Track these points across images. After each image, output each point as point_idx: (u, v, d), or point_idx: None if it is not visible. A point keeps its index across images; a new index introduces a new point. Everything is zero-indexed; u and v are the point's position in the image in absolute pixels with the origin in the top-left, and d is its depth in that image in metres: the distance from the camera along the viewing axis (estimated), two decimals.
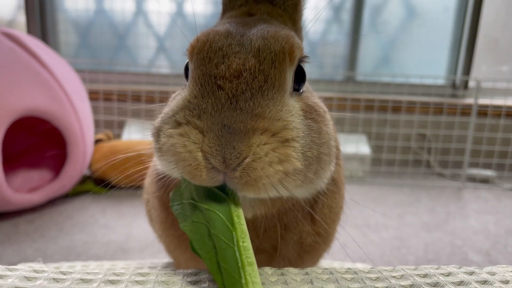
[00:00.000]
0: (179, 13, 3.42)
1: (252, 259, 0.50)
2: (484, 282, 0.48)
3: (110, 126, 3.02)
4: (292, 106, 0.60)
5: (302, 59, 0.64)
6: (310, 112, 0.62)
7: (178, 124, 0.56)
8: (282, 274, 0.52)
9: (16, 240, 1.91)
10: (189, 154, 0.53)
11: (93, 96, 2.89)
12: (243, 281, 0.48)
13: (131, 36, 3.46)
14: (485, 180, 3.07)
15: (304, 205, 0.73)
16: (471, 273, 0.51)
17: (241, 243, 0.50)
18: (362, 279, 0.47)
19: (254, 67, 0.57)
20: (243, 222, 0.53)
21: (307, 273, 0.50)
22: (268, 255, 0.77)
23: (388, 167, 3.14)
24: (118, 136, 2.98)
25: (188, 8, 3.40)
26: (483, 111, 3.09)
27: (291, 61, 0.61)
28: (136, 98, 3.01)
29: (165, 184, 0.73)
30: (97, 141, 2.65)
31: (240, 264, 0.49)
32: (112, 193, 2.54)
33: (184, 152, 0.54)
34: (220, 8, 0.82)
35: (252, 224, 0.71)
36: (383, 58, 3.52)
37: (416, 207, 2.60)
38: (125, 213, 2.27)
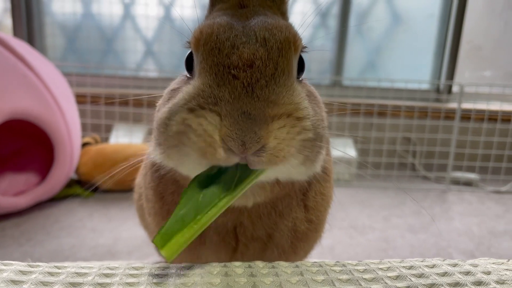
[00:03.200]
0: (167, 17, 3.43)
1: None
2: (467, 273, 0.50)
3: (97, 130, 3.01)
4: (300, 91, 0.63)
5: (302, 48, 0.68)
6: (310, 97, 0.66)
7: (192, 110, 0.58)
8: (273, 267, 0.53)
9: (2, 244, 1.90)
10: (205, 132, 0.55)
11: (81, 99, 2.88)
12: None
13: (119, 40, 3.45)
14: (468, 183, 3.12)
15: (298, 192, 0.75)
16: (455, 265, 0.53)
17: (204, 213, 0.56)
18: (350, 271, 0.49)
19: (264, 56, 0.60)
20: (217, 210, 0.57)
21: (297, 266, 0.52)
22: (262, 243, 0.78)
23: (374, 170, 3.18)
24: (105, 139, 2.97)
25: (176, 12, 3.41)
26: (466, 115, 3.16)
27: (295, 50, 0.65)
28: (124, 101, 3.01)
29: (161, 175, 0.74)
30: (85, 145, 2.64)
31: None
32: (99, 197, 2.53)
33: (199, 129, 0.56)
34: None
35: (247, 212, 0.74)
36: (369, 63, 3.57)
37: (402, 209, 2.64)
38: (113, 217, 2.27)
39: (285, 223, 0.78)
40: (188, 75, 0.68)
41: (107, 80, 3.05)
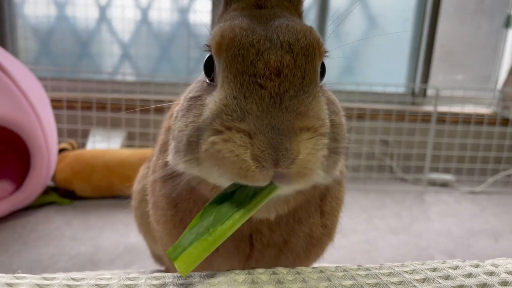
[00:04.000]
0: (144, 20, 3.38)
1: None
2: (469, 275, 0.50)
3: (74, 135, 2.93)
4: (323, 102, 0.61)
5: (325, 53, 0.66)
6: (330, 105, 0.65)
7: (219, 132, 0.56)
8: (298, 273, 0.52)
9: None
10: (237, 158, 0.54)
11: (56, 104, 2.80)
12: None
13: (95, 43, 3.39)
14: (444, 184, 3.20)
15: (317, 198, 0.74)
16: (456, 268, 0.54)
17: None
18: (376, 275, 0.48)
19: (291, 63, 0.58)
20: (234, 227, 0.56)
21: (321, 271, 0.51)
22: (278, 249, 0.77)
23: (354, 173, 3.21)
24: (82, 145, 2.90)
25: (153, 15, 3.37)
26: (442, 118, 3.23)
27: (320, 56, 0.62)
28: (101, 106, 2.94)
29: (175, 182, 0.71)
30: (61, 151, 2.57)
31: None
32: (77, 204, 2.46)
33: (232, 156, 0.54)
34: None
35: (266, 220, 0.72)
36: (347, 67, 3.62)
37: (383, 211, 2.67)
38: (93, 225, 2.21)
39: (302, 229, 0.77)
40: (207, 81, 0.66)
41: (83, 84, 2.98)
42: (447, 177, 3.19)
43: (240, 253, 0.75)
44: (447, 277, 0.46)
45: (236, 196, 0.58)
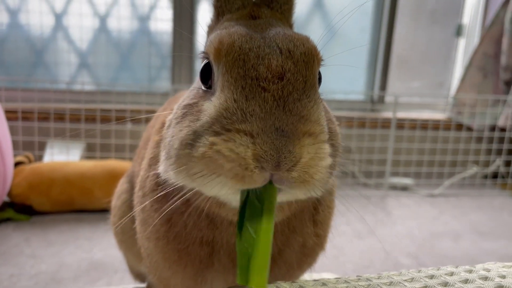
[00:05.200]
0: (103, 28, 3.30)
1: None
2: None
3: (30, 148, 2.80)
4: (322, 107, 0.62)
5: (321, 61, 0.66)
6: (327, 113, 0.65)
7: (219, 134, 0.54)
8: (301, 287, 0.52)
9: None
10: (237, 156, 0.52)
11: (11, 115, 2.67)
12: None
13: (50, 51, 3.26)
14: (405, 188, 3.29)
15: (311, 207, 0.74)
16: (451, 274, 0.55)
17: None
18: (378, 285, 0.48)
19: (292, 68, 0.58)
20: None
21: (324, 284, 0.51)
22: (272, 260, 0.76)
23: None
24: (39, 158, 2.78)
25: (112, 23, 3.29)
26: (401, 124, 3.33)
27: (318, 63, 0.63)
28: (59, 116, 2.84)
29: (168, 196, 0.69)
30: (17, 164, 2.45)
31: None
32: (36, 220, 2.35)
33: (232, 154, 0.53)
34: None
35: None
36: None
37: (347, 216, 2.72)
38: (53, 241, 2.11)
39: (296, 239, 0.76)
40: (204, 88, 0.64)
41: (39, 94, 2.86)
42: (407, 181, 3.29)
43: (235, 266, 0.74)
44: (445, 284, 0.47)
45: (248, 209, 0.58)
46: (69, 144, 2.84)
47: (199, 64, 0.68)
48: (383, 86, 3.70)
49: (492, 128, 3.49)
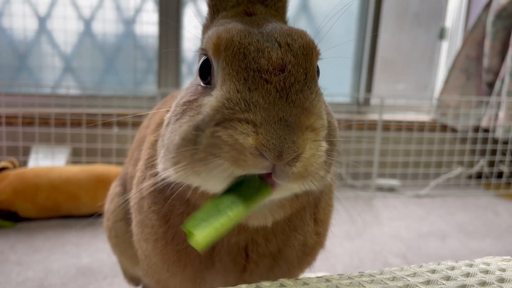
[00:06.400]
0: (87, 32, 3.27)
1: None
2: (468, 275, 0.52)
3: (14, 153, 2.75)
4: (323, 99, 0.63)
5: (319, 54, 0.67)
6: (325, 106, 0.65)
7: (220, 123, 0.55)
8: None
9: None
10: (236, 141, 0.52)
11: None
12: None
13: (34, 55, 3.22)
14: (391, 189, 3.33)
15: (311, 206, 0.74)
16: (453, 268, 0.56)
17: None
18: (382, 280, 0.49)
19: (292, 60, 0.58)
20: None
21: (328, 280, 0.51)
22: (272, 259, 0.76)
23: None
24: (24, 163, 2.73)
25: (97, 27, 3.27)
26: (387, 126, 3.37)
27: (316, 56, 0.63)
28: (44, 121, 2.79)
29: (167, 197, 0.68)
30: (1, 170, 2.40)
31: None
32: (21, 226, 2.31)
33: (230, 140, 0.52)
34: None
35: (262, 229, 0.71)
36: None
37: (335, 218, 2.72)
38: (40, 247, 2.08)
39: (297, 238, 0.76)
40: (202, 84, 0.64)
41: (23, 99, 2.81)
42: (394, 182, 3.33)
43: (236, 266, 0.74)
44: (448, 278, 0.48)
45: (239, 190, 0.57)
46: (55, 149, 2.80)
47: (185, 68, 0.68)
48: (369, 88, 3.73)
49: (476, 129, 3.55)
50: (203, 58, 0.65)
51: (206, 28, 0.78)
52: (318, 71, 0.68)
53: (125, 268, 1.22)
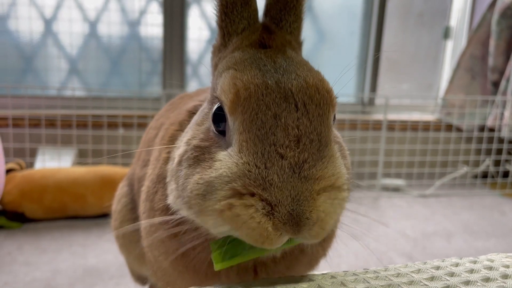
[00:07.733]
0: (93, 34, 3.29)
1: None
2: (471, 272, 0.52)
3: (21, 154, 2.78)
4: (339, 157, 0.62)
5: (336, 103, 0.67)
6: (341, 150, 0.67)
7: (239, 193, 0.56)
8: (310, 279, 0.52)
9: None
10: (258, 225, 0.54)
11: (1, 122, 2.66)
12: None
13: (40, 58, 3.24)
14: (396, 189, 3.32)
15: None
16: (457, 265, 0.56)
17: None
18: (387, 276, 0.49)
19: (308, 129, 0.58)
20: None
21: (333, 276, 0.52)
22: (280, 275, 0.77)
23: None
24: (30, 164, 2.75)
25: (102, 29, 3.29)
26: (391, 125, 3.37)
27: (333, 109, 0.63)
28: (51, 123, 2.82)
29: (178, 221, 0.69)
30: (8, 171, 2.42)
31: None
32: (28, 227, 2.33)
33: (253, 223, 0.54)
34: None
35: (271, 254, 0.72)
36: None
37: (340, 217, 2.73)
38: (47, 248, 2.09)
39: (306, 256, 0.78)
40: (215, 130, 0.64)
41: (30, 100, 2.84)
42: (399, 182, 3.32)
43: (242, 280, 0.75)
44: (452, 274, 0.48)
45: None
46: (61, 150, 2.82)
47: (190, 69, 0.68)
48: (373, 89, 3.73)
49: (481, 129, 3.54)
50: (217, 105, 0.64)
51: (217, 50, 0.76)
52: (334, 118, 0.67)
53: (132, 267, 1.23)
